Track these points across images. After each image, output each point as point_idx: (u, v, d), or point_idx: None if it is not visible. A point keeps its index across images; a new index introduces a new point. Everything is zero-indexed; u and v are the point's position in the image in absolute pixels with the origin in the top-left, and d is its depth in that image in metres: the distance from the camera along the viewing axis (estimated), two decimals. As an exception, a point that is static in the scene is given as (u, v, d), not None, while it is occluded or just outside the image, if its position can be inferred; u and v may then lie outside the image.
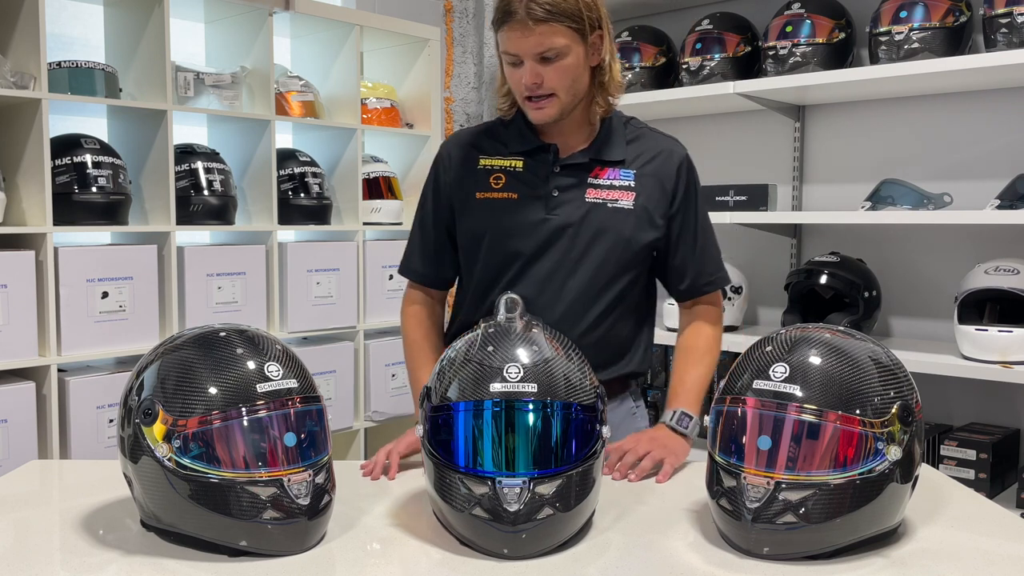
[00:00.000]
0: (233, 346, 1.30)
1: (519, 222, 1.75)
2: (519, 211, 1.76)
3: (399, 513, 1.43)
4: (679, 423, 1.74)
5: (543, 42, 1.61)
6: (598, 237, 1.75)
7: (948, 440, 2.63)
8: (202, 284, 2.94)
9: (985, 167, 2.80)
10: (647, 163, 1.79)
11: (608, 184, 1.76)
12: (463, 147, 1.84)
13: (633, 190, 1.77)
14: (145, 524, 1.33)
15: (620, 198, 1.76)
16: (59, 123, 2.83)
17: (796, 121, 3.17)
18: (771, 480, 1.22)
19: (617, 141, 1.79)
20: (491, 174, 1.79)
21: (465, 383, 1.29)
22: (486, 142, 1.83)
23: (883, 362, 1.28)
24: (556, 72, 1.65)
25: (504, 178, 1.78)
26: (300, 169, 3.23)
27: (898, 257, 2.98)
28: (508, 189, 1.78)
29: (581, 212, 1.74)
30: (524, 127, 1.78)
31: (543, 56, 1.63)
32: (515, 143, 1.80)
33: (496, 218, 1.77)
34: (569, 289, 1.74)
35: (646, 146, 1.80)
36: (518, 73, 1.67)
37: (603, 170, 1.77)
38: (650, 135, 1.83)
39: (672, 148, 1.82)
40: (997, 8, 2.51)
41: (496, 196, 1.78)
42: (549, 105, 1.68)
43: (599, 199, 1.75)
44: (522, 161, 1.78)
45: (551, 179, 1.75)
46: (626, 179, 1.77)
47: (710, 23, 3.09)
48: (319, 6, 3.22)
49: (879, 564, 1.23)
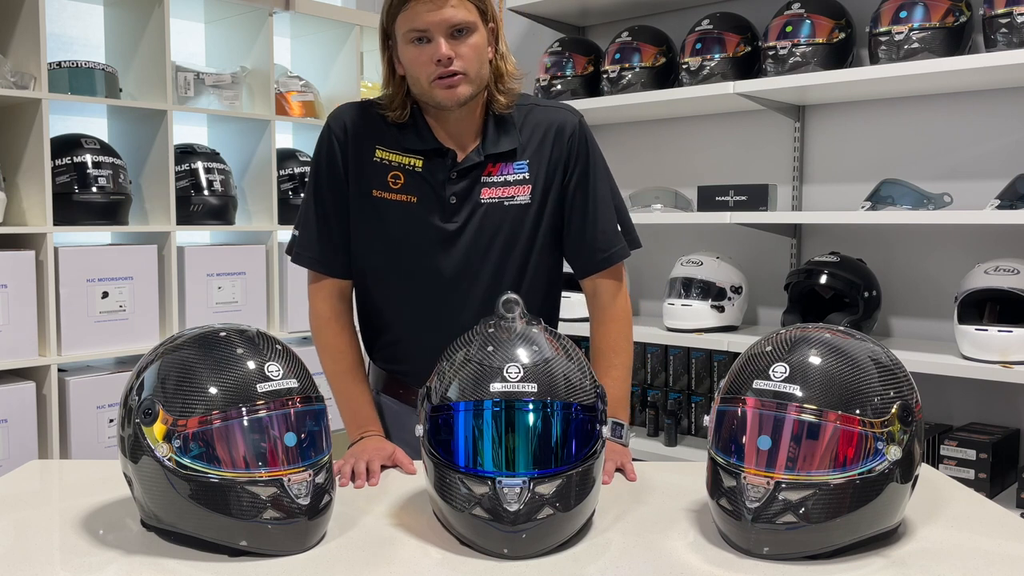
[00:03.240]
0: (233, 346, 1.30)
1: (417, 229, 1.70)
2: (417, 216, 1.70)
3: (399, 513, 1.43)
4: (614, 433, 1.67)
5: (456, 15, 1.58)
6: (496, 238, 1.71)
7: (948, 440, 2.63)
8: (202, 284, 2.94)
9: (985, 167, 2.80)
10: (539, 144, 1.73)
11: (502, 181, 1.71)
12: (355, 128, 1.73)
13: (528, 182, 1.72)
14: (145, 524, 1.33)
15: (516, 193, 1.72)
16: (59, 123, 2.83)
17: (796, 121, 3.17)
18: (771, 480, 1.22)
19: (506, 129, 1.72)
20: (389, 171, 1.71)
21: (465, 383, 1.28)
22: (379, 129, 1.72)
23: (883, 362, 1.28)
24: (467, 49, 1.61)
25: (403, 178, 1.71)
26: (300, 169, 3.23)
27: (898, 257, 2.98)
28: (407, 191, 1.70)
29: (477, 215, 1.70)
30: (423, 125, 1.70)
31: (455, 30, 1.59)
32: (412, 141, 1.71)
33: (393, 222, 1.71)
34: (474, 295, 1.70)
35: (536, 123, 1.74)
36: (426, 51, 1.60)
37: (495, 166, 1.71)
38: (539, 111, 1.76)
39: (563, 119, 1.75)
40: (997, 8, 2.51)
41: (394, 198, 1.71)
42: (460, 84, 1.61)
43: (494, 198, 1.71)
44: (421, 161, 1.70)
45: (447, 185, 1.70)
46: (520, 171, 1.72)
47: (710, 23, 3.09)
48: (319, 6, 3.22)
49: (879, 564, 1.23)
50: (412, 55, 1.62)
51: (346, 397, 1.77)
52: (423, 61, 1.61)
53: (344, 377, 1.77)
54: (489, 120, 1.72)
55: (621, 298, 1.80)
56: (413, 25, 1.60)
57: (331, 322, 1.78)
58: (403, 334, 1.79)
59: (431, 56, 1.60)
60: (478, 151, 1.71)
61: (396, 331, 1.79)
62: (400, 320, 1.78)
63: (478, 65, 1.64)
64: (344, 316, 1.80)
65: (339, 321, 1.79)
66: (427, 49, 1.60)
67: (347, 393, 1.77)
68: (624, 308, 1.81)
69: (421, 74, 1.63)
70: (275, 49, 3.11)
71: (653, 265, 3.45)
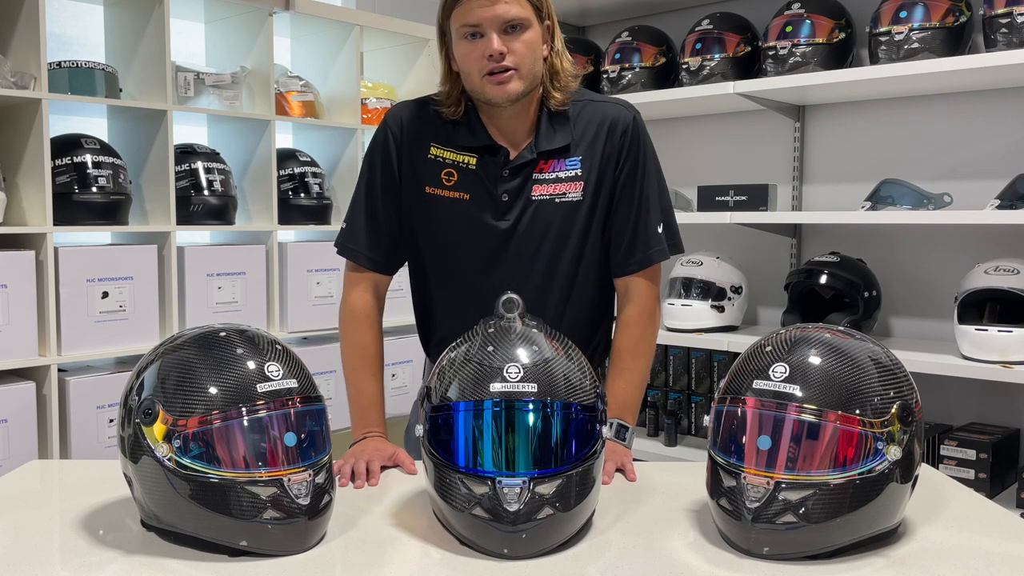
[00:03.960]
0: (233, 346, 1.30)
1: (469, 226, 1.71)
2: (470, 214, 1.71)
3: (399, 513, 1.43)
4: (617, 435, 1.69)
5: (509, 11, 1.58)
6: (546, 235, 1.71)
7: (948, 440, 2.63)
8: (202, 284, 2.94)
9: (985, 167, 2.80)
10: (592, 140, 1.72)
11: (553, 178, 1.71)
12: (412, 126, 1.74)
13: (581, 179, 1.71)
14: (145, 524, 1.33)
15: (568, 190, 1.71)
16: (59, 123, 2.83)
17: (796, 121, 3.17)
18: (771, 480, 1.22)
19: (560, 125, 1.71)
20: (443, 168, 1.72)
21: (465, 383, 1.28)
22: (435, 126, 1.73)
23: (883, 362, 1.28)
24: (520, 45, 1.61)
25: (456, 175, 1.71)
26: (300, 169, 3.24)
27: (898, 257, 2.98)
28: (460, 188, 1.71)
29: (528, 212, 1.70)
30: (476, 123, 1.71)
31: (508, 26, 1.59)
32: (465, 138, 1.71)
33: (446, 219, 1.72)
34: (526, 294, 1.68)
35: (589, 118, 1.73)
36: (479, 47, 1.60)
37: (547, 163, 1.71)
38: (594, 106, 1.75)
39: (617, 115, 1.74)
40: (997, 8, 2.51)
41: (447, 195, 1.72)
42: (512, 80, 1.62)
43: (545, 195, 1.71)
44: (475, 159, 1.71)
45: (499, 183, 1.70)
46: (572, 168, 1.71)
47: (710, 23, 3.09)
48: (319, 6, 3.22)
49: (879, 564, 1.23)
50: (465, 50, 1.63)
51: (359, 394, 1.77)
52: (475, 56, 1.61)
53: (362, 374, 1.77)
54: (543, 116, 1.72)
55: (651, 302, 1.78)
56: (466, 20, 1.60)
57: (361, 317, 1.78)
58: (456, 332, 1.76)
59: (483, 51, 1.60)
60: (530, 148, 1.71)
61: (448, 328, 1.77)
62: (453, 318, 1.76)
63: (531, 62, 1.63)
64: (375, 313, 1.80)
65: (369, 317, 1.79)
66: (479, 44, 1.61)
67: (361, 390, 1.77)
68: (654, 313, 1.78)
69: (473, 69, 1.63)
70: (275, 49, 3.11)
71: (653, 265, 3.45)
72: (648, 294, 1.77)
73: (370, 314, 1.79)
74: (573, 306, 1.75)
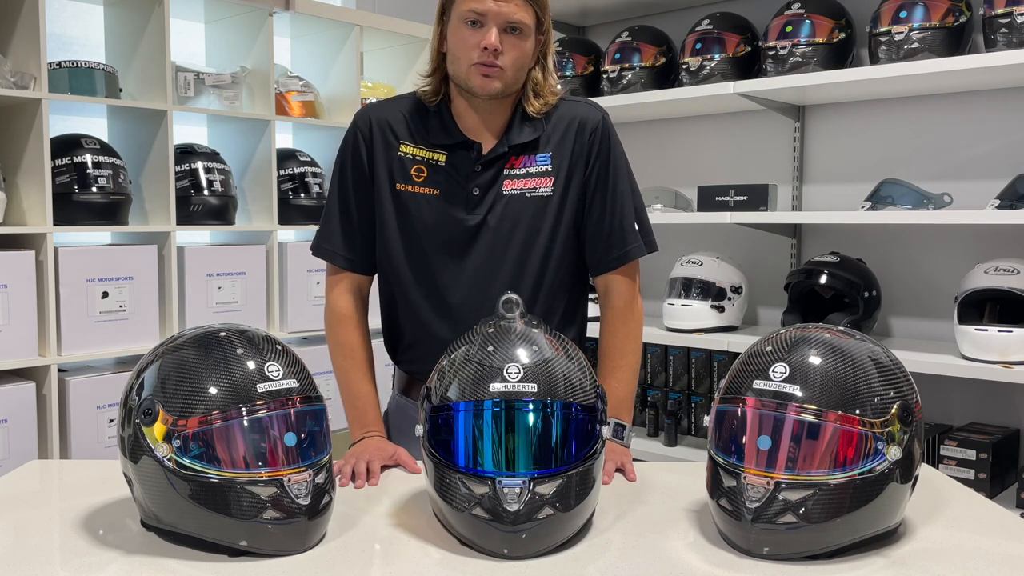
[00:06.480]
0: (233, 346, 1.30)
1: (439, 221, 1.71)
2: (440, 209, 1.71)
3: (399, 513, 1.43)
4: (615, 433, 1.68)
5: (516, 13, 1.61)
6: (516, 229, 1.71)
7: (948, 440, 2.63)
8: (202, 284, 2.94)
9: (985, 167, 2.80)
10: (562, 138, 1.74)
11: (524, 172, 1.72)
12: (381, 125, 1.75)
13: (551, 174, 1.72)
14: (145, 524, 1.33)
15: (538, 185, 1.72)
16: (59, 123, 2.83)
17: (796, 121, 3.17)
18: (771, 480, 1.22)
19: (530, 122, 1.72)
20: (412, 164, 1.73)
21: (465, 383, 1.28)
22: (405, 125, 1.74)
23: (883, 362, 1.28)
24: (515, 49, 1.63)
25: (426, 171, 1.72)
26: (300, 169, 3.24)
27: (898, 257, 2.98)
28: (429, 184, 1.72)
29: (499, 206, 1.70)
30: (449, 119, 1.72)
31: (511, 26, 1.61)
32: (437, 135, 1.72)
33: (416, 214, 1.72)
34: (496, 287, 1.69)
35: (560, 117, 1.74)
36: (477, 35, 1.61)
37: (519, 159, 1.72)
38: (565, 105, 1.76)
39: (587, 114, 1.75)
40: (997, 8, 2.51)
41: (417, 190, 1.72)
42: (497, 76, 1.63)
43: (516, 189, 1.71)
44: (444, 155, 1.72)
45: (471, 178, 1.71)
46: (542, 164, 1.72)
47: (710, 23, 3.09)
48: (319, 6, 3.22)
49: (879, 564, 1.23)
50: (463, 35, 1.64)
51: (353, 396, 1.77)
52: (471, 44, 1.62)
53: (353, 375, 1.77)
54: (516, 115, 1.73)
55: (633, 299, 1.79)
56: (473, 7, 1.61)
57: (344, 318, 1.78)
58: (425, 333, 1.76)
59: (479, 41, 1.61)
60: (502, 142, 1.71)
61: (418, 331, 1.77)
62: (422, 318, 1.76)
63: (518, 68, 1.66)
64: (359, 313, 1.81)
65: (352, 318, 1.79)
66: (478, 33, 1.62)
67: (354, 392, 1.77)
68: (635, 309, 1.80)
69: (464, 55, 1.64)
70: (275, 49, 3.11)
71: (653, 265, 3.44)
72: (629, 290, 1.78)
73: (353, 315, 1.79)
74: (543, 304, 1.75)
